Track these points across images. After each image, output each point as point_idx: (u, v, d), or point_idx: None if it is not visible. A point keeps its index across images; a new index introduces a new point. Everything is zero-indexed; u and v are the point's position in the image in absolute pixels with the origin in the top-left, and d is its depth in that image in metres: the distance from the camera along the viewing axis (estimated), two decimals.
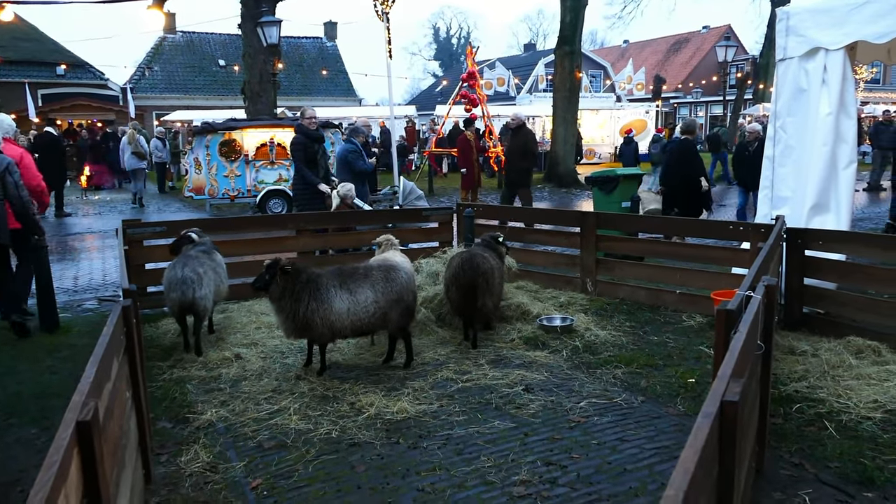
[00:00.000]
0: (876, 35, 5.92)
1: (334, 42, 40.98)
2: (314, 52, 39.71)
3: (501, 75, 29.92)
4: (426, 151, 22.63)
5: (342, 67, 39.86)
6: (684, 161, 9.00)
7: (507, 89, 30.87)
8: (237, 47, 29.04)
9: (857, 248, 5.81)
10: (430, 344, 5.79)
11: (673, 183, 9.08)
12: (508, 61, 38.99)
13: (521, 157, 11.69)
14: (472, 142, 14.82)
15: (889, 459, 3.61)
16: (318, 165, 8.90)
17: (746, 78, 31.71)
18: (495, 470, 3.61)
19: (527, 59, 42.19)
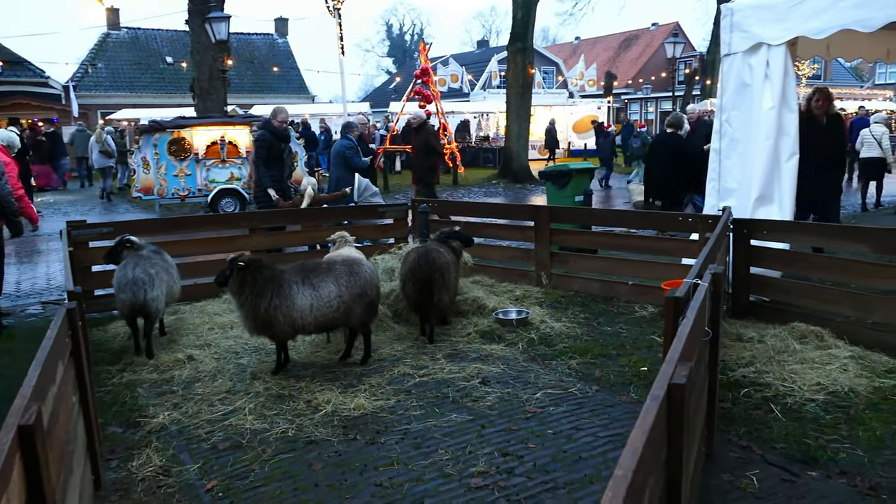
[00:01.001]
0: (815, 31, 6.10)
1: (286, 39, 40.46)
2: (265, 48, 39.12)
3: (455, 72, 29.99)
4: (380, 149, 22.53)
5: (294, 64, 39.38)
6: (671, 154, 9.18)
7: (461, 86, 30.96)
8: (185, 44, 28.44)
9: (800, 237, 6.00)
10: (386, 340, 5.78)
11: (658, 175, 9.30)
12: (462, 58, 39.09)
13: (425, 155, 11.26)
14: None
15: (831, 439, 3.75)
16: (284, 164, 8.79)
17: (694, 74, 32.41)
18: (453, 462, 3.63)
19: (480, 56, 42.35)
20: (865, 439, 3.72)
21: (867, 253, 5.71)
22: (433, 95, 21.13)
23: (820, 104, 7.58)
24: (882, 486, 3.27)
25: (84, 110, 29.55)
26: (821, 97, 7.61)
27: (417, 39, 60.75)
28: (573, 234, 7.83)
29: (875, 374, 4.59)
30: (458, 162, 21.50)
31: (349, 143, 9.38)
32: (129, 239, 5.80)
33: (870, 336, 5.12)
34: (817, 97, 7.62)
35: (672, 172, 9.12)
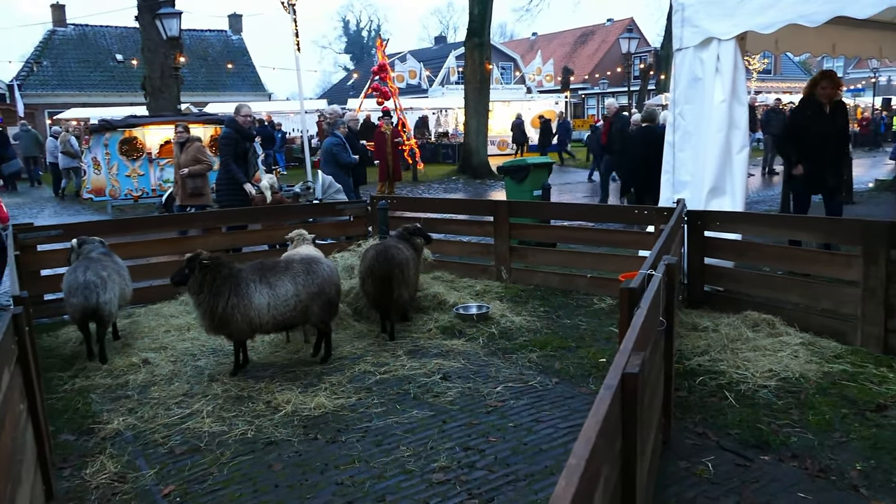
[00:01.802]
0: (763, 25, 6.24)
1: (240, 35, 39.82)
2: (219, 45, 38.43)
3: (413, 68, 29.92)
4: None
5: (249, 61, 38.78)
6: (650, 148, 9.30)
7: (419, 82, 30.91)
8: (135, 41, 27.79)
9: (750, 228, 6.14)
10: (347, 338, 5.74)
11: (634, 167, 9.47)
12: (420, 54, 39.04)
13: None
14: (388, 135, 14.74)
15: (783, 424, 3.85)
16: (249, 163, 8.66)
17: (649, 69, 32.95)
18: (414, 458, 3.62)
19: (438, 52, 42.33)
20: (815, 423, 3.83)
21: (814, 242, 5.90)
22: (391, 92, 21.07)
23: (826, 90, 6.99)
24: (831, 468, 3.37)
25: (30, 110, 28.65)
26: (828, 83, 6.99)
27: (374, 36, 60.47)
28: (532, 228, 7.89)
29: (824, 359, 4.74)
30: (418, 158, 21.48)
31: (337, 140, 9.48)
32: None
33: (819, 323, 5.28)
34: (825, 83, 7.00)
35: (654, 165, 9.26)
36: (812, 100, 7.05)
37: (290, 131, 26.75)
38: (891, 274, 4.76)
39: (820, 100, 6.99)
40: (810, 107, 7.03)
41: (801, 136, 7.04)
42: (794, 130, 7.28)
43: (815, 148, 6.94)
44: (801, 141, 7.06)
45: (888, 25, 7.96)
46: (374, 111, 23.07)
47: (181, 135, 9.61)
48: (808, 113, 7.00)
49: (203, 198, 9.58)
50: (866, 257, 4.86)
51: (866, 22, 7.01)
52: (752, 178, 18.69)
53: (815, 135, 6.90)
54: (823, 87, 6.99)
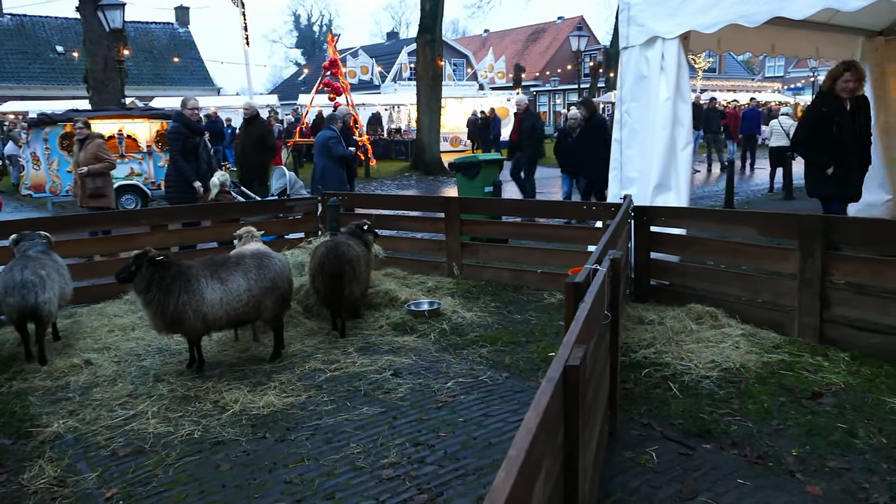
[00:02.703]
0: (705, 25, 6.40)
1: (187, 28, 38.93)
2: (165, 38, 37.51)
3: (365, 63, 29.74)
4: (290, 142, 22.09)
5: (197, 55, 37.96)
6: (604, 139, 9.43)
7: (371, 78, 30.73)
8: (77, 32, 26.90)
9: (694, 223, 6.30)
10: (297, 336, 5.69)
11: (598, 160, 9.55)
12: (372, 49, 38.79)
13: (257, 151, 10.36)
14: None
15: (724, 413, 3.97)
16: (200, 159, 8.45)
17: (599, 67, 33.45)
18: (364, 455, 3.62)
19: (390, 48, 42.14)
20: (754, 411, 3.96)
21: (756, 236, 6.08)
22: (343, 87, 20.88)
23: (849, 85, 6.18)
24: (769, 454, 3.49)
25: None
26: (852, 76, 6.15)
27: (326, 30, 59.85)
28: (483, 224, 7.94)
29: (763, 349, 4.90)
30: (370, 155, 21.36)
31: (332, 134, 9.57)
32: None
33: (759, 314, 5.45)
34: (848, 76, 6.14)
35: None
36: (831, 95, 6.25)
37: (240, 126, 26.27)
38: (826, 266, 4.94)
39: (840, 94, 6.21)
40: (828, 103, 6.25)
41: (820, 137, 6.26)
42: (811, 130, 6.40)
43: (835, 150, 6.21)
44: (820, 142, 6.28)
45: (824, 26, 8.26)
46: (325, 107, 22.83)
47: (81, 131, 8.72)
48: (824, 110, 6.23)
49: (105, 199, 8.72)
50: (802, 250, 5.04)
51: (803, 23, 7.26)
52: (698, 174, 19.19)
53: (835, 135, 6.17)
54: (846, 80, 6.15)
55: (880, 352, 4.67)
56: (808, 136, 6.43)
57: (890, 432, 3.66)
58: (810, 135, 6.39)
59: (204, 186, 8.26)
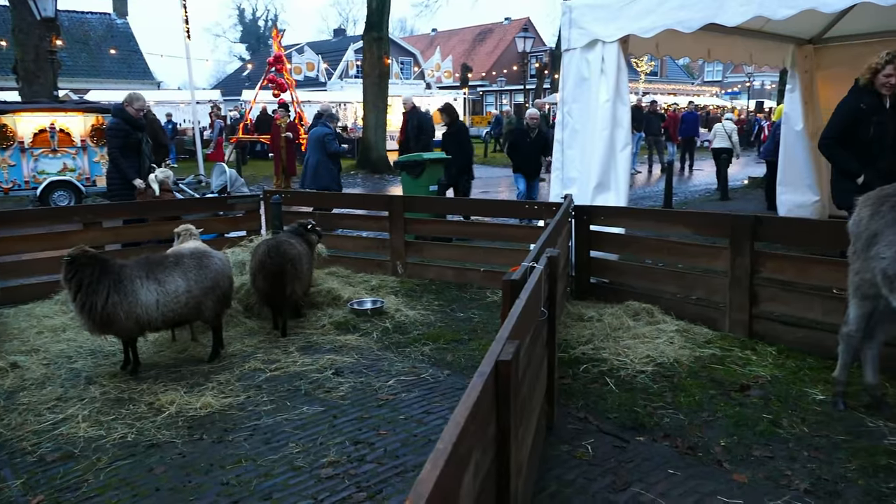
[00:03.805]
0: (643, 30, 6.56)
1: (125, 19, 37.72)
2: (101, 29, 36.23)
3: (311, 60, 29.38)
4: (234, 138, 21.69)
5: (136, 47, 36.80)
6: None
7: (318, 74, 30.40)
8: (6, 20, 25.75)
9: (632, 222, 6.46)
10: (237, 335, 5.60)
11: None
12: (318, 46, 38.40)
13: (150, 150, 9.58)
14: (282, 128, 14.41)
15: (657, 406, 4.09)
16: (143, 155, 8.19)
17: (544, 68, 33.88)
18: (303, 455, 3.59)
19: (337, 45, 41.79)
20: (686, 404, 4.09)
21: (691, 234, 6.28)
22: (288, 84, 20.62)
23: (892, 79, 5.26)
24: (699, 445, 3.61)
25: None
26: (895, 70, 5.23)
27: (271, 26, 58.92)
28: (428, 222, 7.96)
29: (696, 344, 5.06)
30: None
31: (328, 130, 9.87)
32: None
33: (693, 311, 5.63)
34: (890, 70, 5.23)
35: None
36: (869, 91, 5.39)
37: (181, 122, 25.68)
38: (754, 264, 5.14)
39: (880, 90, 5.35)
40: (866, 98, 5.39)
41: (852, 137, 5.44)
42: (844, 128, 5.48)
43: (869, 153, 5.41)
44: (853, 142, 5.44)
45: (757, 34, 8.57)
46: (270, 103, 22.50)
47: None
48: (863, 106, 5.37)
49: None
50: (733, 249, 5.23)
51: (737, 30, 7.54)
52: (639, 174, 19.66)
53: (872, 136, 5.39)
54: (888, 74, 5.25)
55: (805, 345, 4.88)
56: (839, 134, 5.49)
57: (812, 421, 3.83)
58: (842, 133, 5.47)
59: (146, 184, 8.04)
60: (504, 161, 25.18)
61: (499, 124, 29.19)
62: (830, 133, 5.59)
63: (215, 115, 25.07)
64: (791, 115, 9.48)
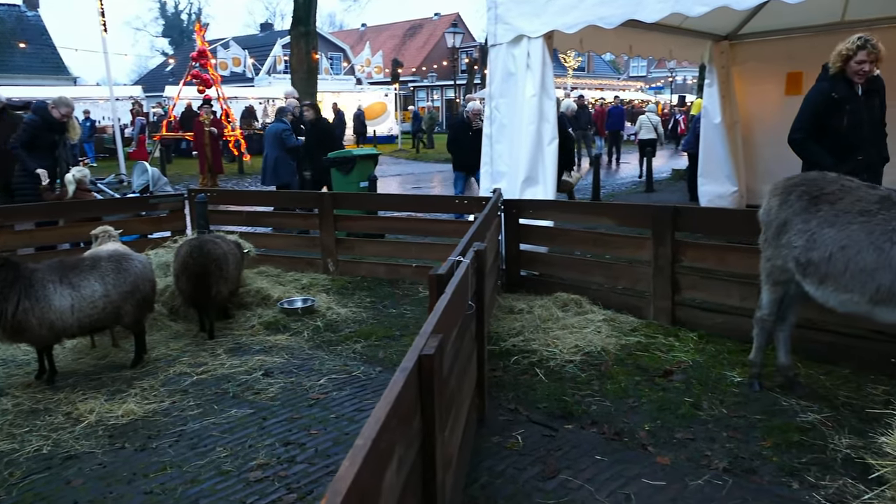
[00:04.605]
0: (567, 25, 6.67)
1: (36, 11, 35.91)
2: (10, 21, 34.36)
3: (237, 55, 28.67)
4: (157, 136, 20.98)
5: (48, 41, 35.09)
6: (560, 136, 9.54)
7: (244, 70, 29.70)
8: None
9: (559, 215, 6.57)
10: (161, 339, 5.43)
11: None
12: (244, 41, 37.49)
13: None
14: (206, 125, 14.02)
15: (585, 394, 4.18)
16: (59, 158, 7.77)
17: (474, 63, 34.09)
18: (231, 458, 3.51)
19: (264, 40, 40.92)
20: (613, 391, 4.20)
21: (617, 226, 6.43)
22: (213, 79, 20.08)
23: (865, 68, 4.86)
24: (625, 430, 3.71)
25: None
26: (867, 56, 4.81)
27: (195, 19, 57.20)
28: (359, 219, 7.90)
29: (622, 333, 5.20)
30: (244, 150, 20.68)
31: (284, 126, 9.85)
32: None
33: (619, 300, 5.78)
34: (862, 57, 4.81)
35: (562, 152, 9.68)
36: (841, 78, 4.98)
37: (100, 119, 24.67)
38: (676, 253, 5.32)
39: (852, 78, 4.95)
40: (838, 86, 4.97)
41: (825, 129, 5.02)
42: (816, 120, 5.06)
43: (844, 145, 4.99)
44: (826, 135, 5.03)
45: (677, 30, 8.85)
46: (195, 99, 21.87)
47: None
48: (834, 95, 4.95)
49: None
50: (655, 239, 5.39)
51: (657, 26, 7.77)
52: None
53: (846, 126, 4.98)
54: (860, 61, 4.84)
55: (724, 330, 5.08)
56: (810, 126, 5.05)
57: (730, 403, 3.99)
58: (813, 125, 5.04)
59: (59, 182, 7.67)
60: (434, 157, 25.28)
61: (417, 120, 29.33)
62: (801, 126, 5.09)
63: (137, 112, 24.18)
64: (709, 109, 9.84)
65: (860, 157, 4.98)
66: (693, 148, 11.21)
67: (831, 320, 4.38)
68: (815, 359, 4.51)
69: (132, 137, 22.52)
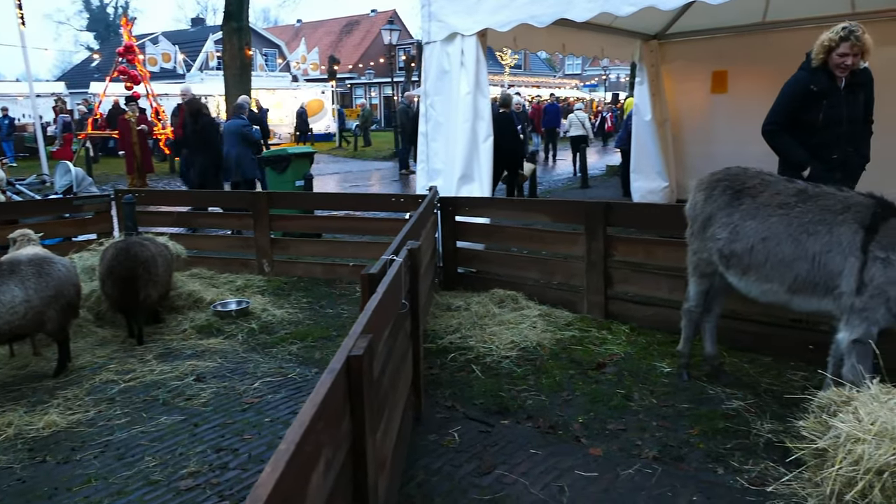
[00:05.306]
0: (499, 24, 6.72)
1: None
2: None
3: (167, 50, 27.81)
4: (82, 134, 20.17)
5: None
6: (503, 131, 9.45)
7: (175, 66, 28.84)
8: None
9: (494, 212, 6.62)
10: (87, 346, 5.22)
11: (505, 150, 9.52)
12: (174, 36, 36.41)
13: None
14: (133, 122, 13.55)
15: (521, 389, 4.23)
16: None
17: (412, 60, 34.01)
18: (161, 468, 3.40)
19: (195, 35, 39.83)
20: (548, 385, 4.26)
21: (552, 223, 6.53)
22: (141, 76, 19.44)
23: (848, 61, 4.47)
24: (559, 423, 3.77)
25: None
26: (851, 49, 4.42)
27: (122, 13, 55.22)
28: (295, 219, 7.78)
29: (557, 327, 5.28)
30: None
31: (244, 122, 10.00)
32: None
33: (554, 295, 5.87)
34: (845, 49, 4.43)
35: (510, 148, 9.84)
36: (823, 70, 4.60)
37: (20, 117, 23.57)
38: (608, 248, 5.43)
39: (833, 71, 4.57)
40: (818, 79, 4.60)
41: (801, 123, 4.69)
42: (791, 112, 4.72)
43: (822, 139, 4.66)
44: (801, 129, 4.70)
45: (608, 29, 9.04)
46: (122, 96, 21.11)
47: None
48: (813, 88, 4.60)
49: None
50: (588, 234, 5.49)
51: (588, 25, 7.91)
52: None
53: (822, 121, 4.62)
54: (843, 53, 4.46)
55: (654, 322, 5.22)
56: (784, 119, 4.74)
57: (660, 393, 4.11)
58: (788, 117, 4.73)
59: None
60: (372, 154, 25.14)
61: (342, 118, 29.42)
62: (774, 118, 4.77)
63: (60, 110, 23.19)
64: (640, 107, 10.09)
65: (835, 155, 4.64)
66: (626, 145, 11.48)
67: (755, 311, 4.56)
68: (740, 348, 4.69)
69: (55, 136, 21.58)
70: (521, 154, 11.04)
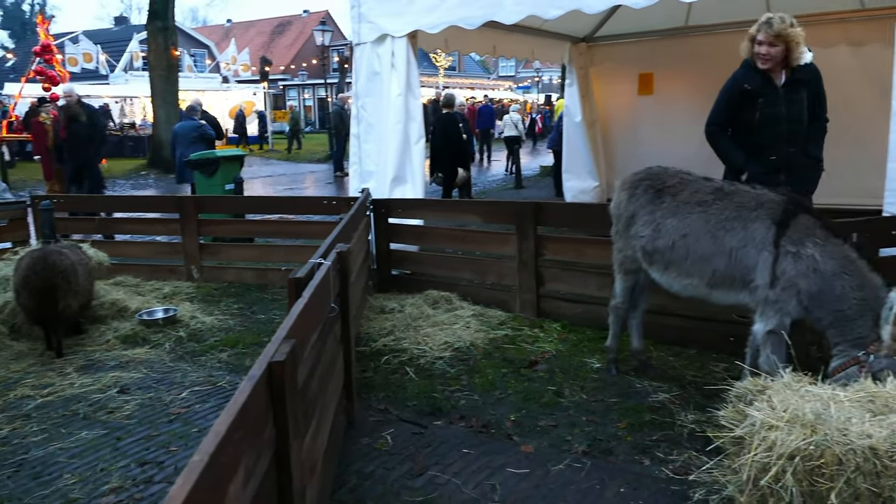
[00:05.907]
0: (430, 25, 6.73)
1: None
2: None
3: (88, 50, 26.77)
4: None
5: None
6: (449, 132, 9.59)
7: (97, 66, 27.79)
8: None
9: (426, 213, 6.63)
10: (1, 361, 4.96)
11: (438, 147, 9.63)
12: (96, 35, 35.14)
13: None
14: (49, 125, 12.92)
15: (454, 390, 4.25)
16: None
17: (345, 62, 33.72)
18: (81, 485, 3.27)
19: (119, 34, 38.50)
20: (481, 385, 4.29)
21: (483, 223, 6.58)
22: (60, 76, 18.63)
23: (763, 50, 4.25)
24: (492, 422, 3.81)
25: None
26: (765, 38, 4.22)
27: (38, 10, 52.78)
28: (224, 223, 7.60)
29: (491, 327, 5.32)
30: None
31: (199, 122, 10.22)
32: None
33: (487, 295, 5.92)
34: (760, 37, 4.25)
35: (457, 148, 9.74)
36: (754, 65, 4.38)
37: None
38: (538, 247, 5.51)
39: (757, 64, 4.33)
40: (752, 78, 4.37)
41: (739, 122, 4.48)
42: (728, 112, 4.51)
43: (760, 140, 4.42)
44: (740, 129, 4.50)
45: (538, 32, 9.17)
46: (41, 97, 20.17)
47: None
48: (746, 87, 4.36)
49: None
50: (519, 234, 5.56)
51: (518, 27, 8.02)
52: None
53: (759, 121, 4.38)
54: (759, 42, 4.27)
55: (584, 319, 5.33)
56: (723, 119, 4.54)
57: (590, 388, 4.20)
58: (727, 117, 4.53)
59: None
60: (306, 157, 24.85)
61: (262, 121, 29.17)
62: (713, 119, 4.58)
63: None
64: (571, 108, 10.28)
65: (773, 156, 4.39)
66: (557, 145, 11.69)
67: (679, 306, 4.70)
68: (666, 342, 4.84)
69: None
70: (468, 153, 11.07)
